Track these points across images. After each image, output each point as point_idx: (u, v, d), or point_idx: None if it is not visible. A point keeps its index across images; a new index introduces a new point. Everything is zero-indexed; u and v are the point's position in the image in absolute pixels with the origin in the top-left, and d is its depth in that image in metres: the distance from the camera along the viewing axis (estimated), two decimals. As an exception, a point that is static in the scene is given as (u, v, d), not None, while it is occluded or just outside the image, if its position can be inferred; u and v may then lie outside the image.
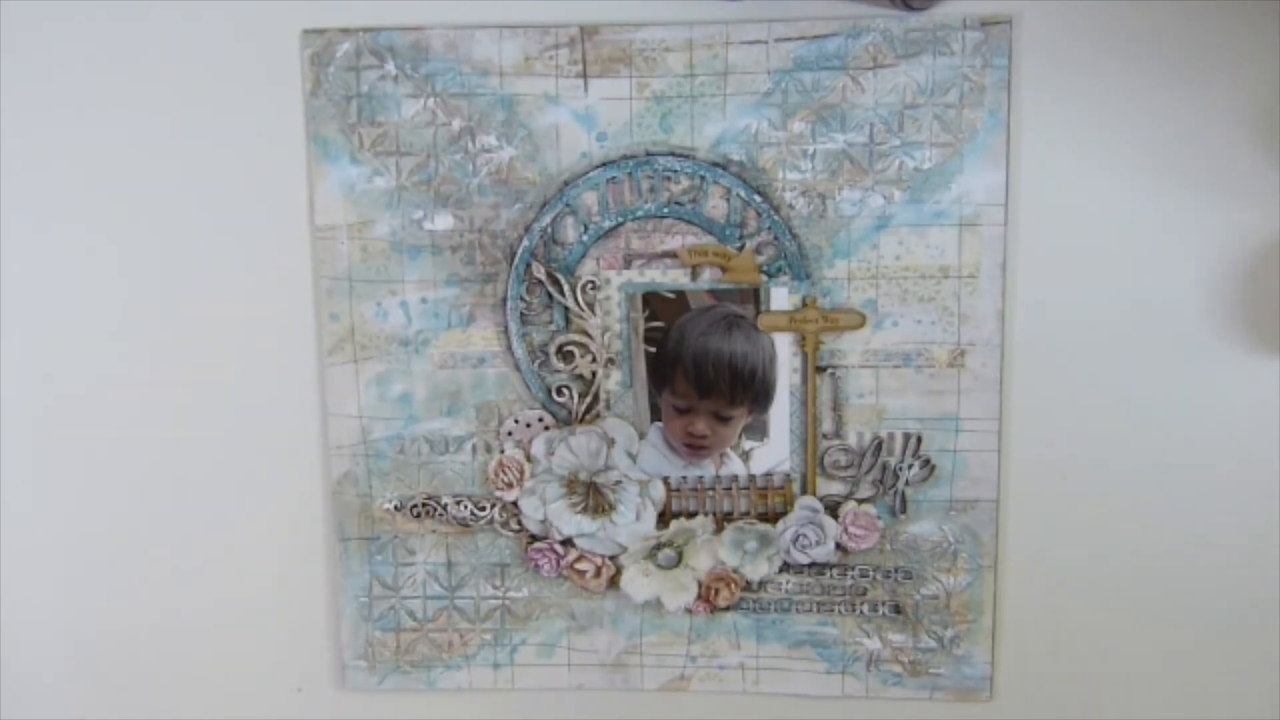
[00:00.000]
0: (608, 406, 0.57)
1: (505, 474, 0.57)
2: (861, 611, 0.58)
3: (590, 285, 0.56)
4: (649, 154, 0.55)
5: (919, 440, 0.56)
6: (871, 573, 0.58)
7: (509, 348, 0.57)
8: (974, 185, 0.55)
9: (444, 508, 0.58)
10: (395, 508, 0.58)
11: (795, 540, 0.57)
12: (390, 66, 0.55)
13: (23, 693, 0.59)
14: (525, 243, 0.56)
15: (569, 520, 0.58)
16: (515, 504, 0.58)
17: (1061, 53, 0.54)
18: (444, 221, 0.56)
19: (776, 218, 0.55)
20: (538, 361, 0.57)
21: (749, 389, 0.56)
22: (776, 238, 0.56)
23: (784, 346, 0.56)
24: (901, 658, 0.58)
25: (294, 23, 0.55)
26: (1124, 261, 0.55)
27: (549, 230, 0.56)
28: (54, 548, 0.60)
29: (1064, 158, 0.54)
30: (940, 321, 0.56)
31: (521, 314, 0.57)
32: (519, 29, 0.55)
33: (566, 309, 0.57)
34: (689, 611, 0.58)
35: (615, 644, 0.59)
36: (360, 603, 0.59)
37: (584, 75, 0.55)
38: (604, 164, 0.56)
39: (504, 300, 0.57)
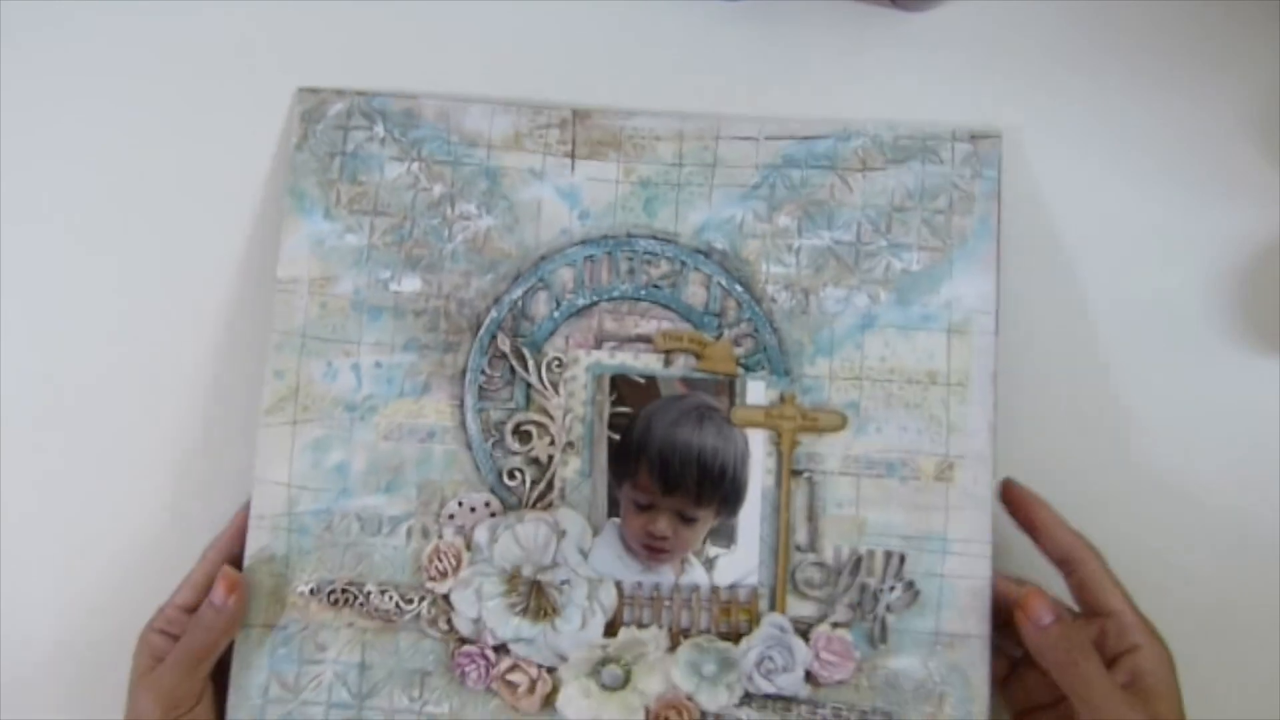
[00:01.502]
0: (562, 496, 0.52)
1: (440, 561, 0.51)
2: (834, 769, 0.50)
3: (557, 363, 0.53)
4: (630, 235, 0.54)
5: (902, 559, 0.51)
6: (845, 713, 0.50)
7: (462, 423, 0.53)
8: (964, 291, 0.53)
9: (367, 596, 0.51)
10: (311, 591, 0.52)
11: (760, 664, 0.50)
12: (379, 129, 0.55)
13: (23, 693, 0.55)
14: (493, 314, 0.53)
15: (506, 622, 0.51)
16: (447, 598, 0.51)
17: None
18: (411, 284, 0.54)
19: (758, 309, 0.53)
20: (491, 440, 0.53)
21: (717, 488, 0.51)
22: (756, 329, 0.53)
23: (758, 444, 0.52)
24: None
25: (289, 79, 0.55)
26: (1124, 261, 0.53)
27: (519, 304, 0.53)
28: (54, 548, 0.55)
29: (1068, 160, 0.54)
30: (927, 431, 0.52)
31: (480, 387, 0.53)
32: (512, 106, 0.55)
33: (528, 386, 0.53)
34: (633, 749, 0.50)
35: (544, 782, 0.50)
36: (252, 705, 0.51)
37: (572, 155, 0.55)
38: (583, 241, 0.54)
39: (463, 372, 0.53)
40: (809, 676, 0.50)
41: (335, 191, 0.54)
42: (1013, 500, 0.51)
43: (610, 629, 0.51)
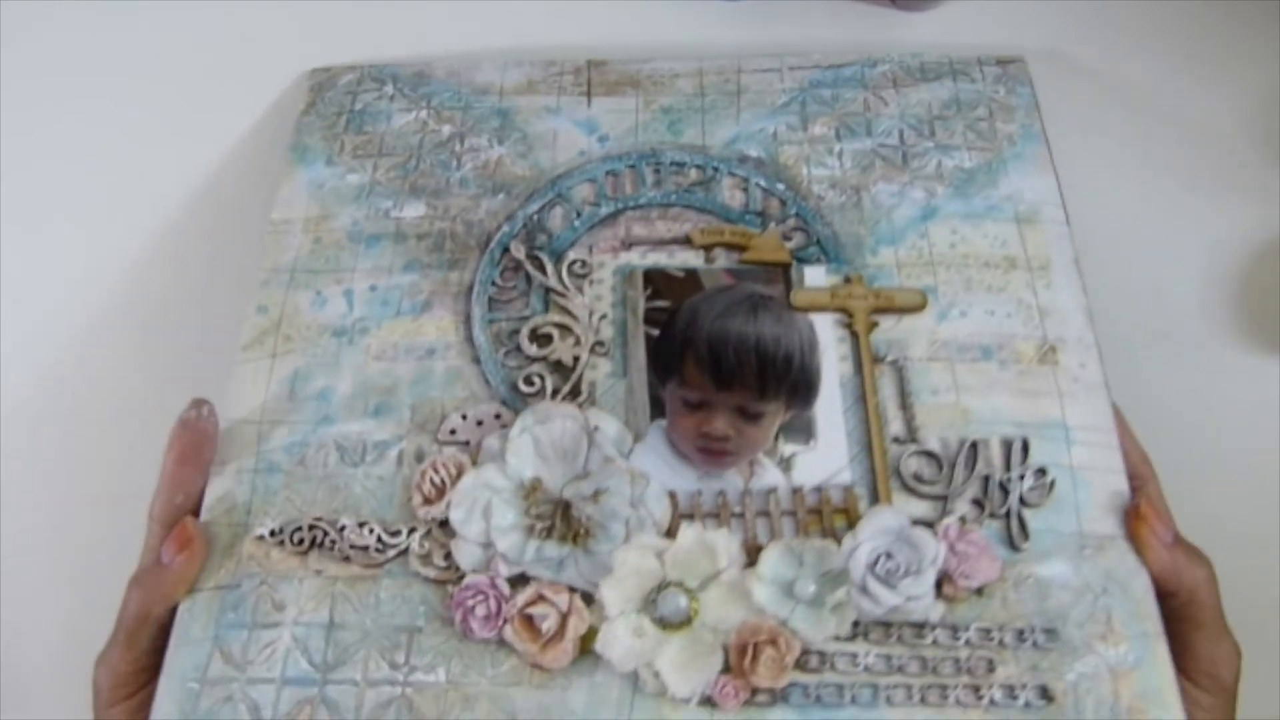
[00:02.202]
0: (591, 401, 0.42)
1: (437, 475, 0.40)
2: (993, 700, 0.35)
3: (580, 264, 0.46)
4: (654, 150, 0.50)
5: (1026, 445, 0.40)
6: (997, 633, 0.36)
7: (469, 337, 0.44)
8: (1024, 186, 0.48)
9: (340, 532, 0.39)
10: (271, 534, 0.39)
11: (874, 565, 0.37)
12: (389, 89, 0.53)
13: (23, 692, 0.51)
14: (505, 229, 0.47)
15: (523, 546, 0.38)
16: (444, 526, 0.39)
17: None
18: (414, 209, 0.48)
19: (805, 205, 0.47)
20: (504, 350, 0.44)
21: (783, 379, 0.42)
22: (806, 223, 0.47)
23: (826, 329, 0.44)
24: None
25: (301, 61, 0.54)
26: (1124, 261, 0.49)
27: (534, 218, 0.48)
28: (54, 547, 0.50)
29: (1067, 159, 0.50)
30: (1018, 314, 0.44)
31: (490, 299, 0.45)
32: (524, 60, 0.53)
33: (547, 291, 0.45)
34: (710, 703, 0.36)
35: (581, 773, 0.35)
36: (187, 689, 0.36)
37: (588, 95, 0.52)
38: (604, 159, 0.49)
39: (469, 288, 0.45)
40: (943, 584, 0.37)
41: (340, 142, 0.51)
42: None
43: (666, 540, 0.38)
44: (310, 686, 0.36)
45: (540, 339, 0.44)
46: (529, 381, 0.43)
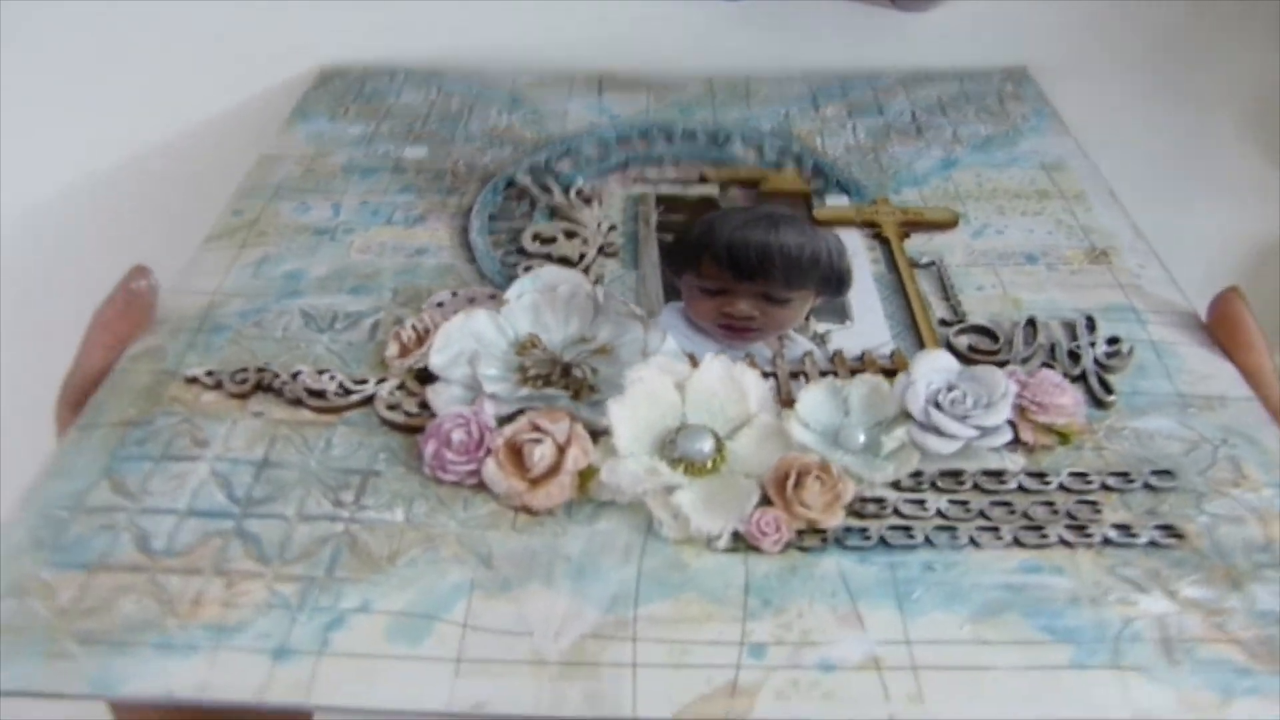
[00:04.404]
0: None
1: (420, 324, 0.34)
2: (1106, 539, 0.28)
3: (588, 188, 0.43)
4: (667, 122, 0.49)
5: (1092, 322, 0.36)
6: (1096, 477, 0.30)
7: (464, 243, 0.41)
8: (1042, 145, 0.47)
9: (294, 378, 0.33)
10: (208, 374, 0.33)
11: (935, 399, 0.31)
12: (401, 77, 0.53)
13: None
14: (510, 169, 0.45)
15: (515, 390, 0.32)
16: (422, 376, 0.33)
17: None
18: (416, 152, 0.46)
19: (822, 159, 0.46)
20: (502, 250, 0.40)
21: (810, 274, 0.38)
22: (825, 173, 0.45)
23: (854, 241, 0.40)
24: (1226, 627, 0.26)
25: (313, 59, 0.55)
26: None
27: (542, 163, 0.46)
28: None
29: None
30: (1059, 231, 0.41)
31: (490, 213, 0.42)
32: (535, 74, 0.54)
33: (552, 211, 0.42)
34: (742, 543, 0.28)
35: (573, 618, 0.26)
36: (48, 517, 0.28)
37: (600, 92, 0.53)
38: (615, 127, 0.49)
39: (469, 209, 0.43)
40: (1016, 437, 0.31)
41: (344, 108, 0.50)
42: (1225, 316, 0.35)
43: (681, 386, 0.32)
44: (224, 519, 0.28)
45: (544, 240, 0.40)
46: (526, 272, 0.38)
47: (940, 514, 0.28)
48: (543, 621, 0.26)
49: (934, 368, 0.31)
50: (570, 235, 0.40)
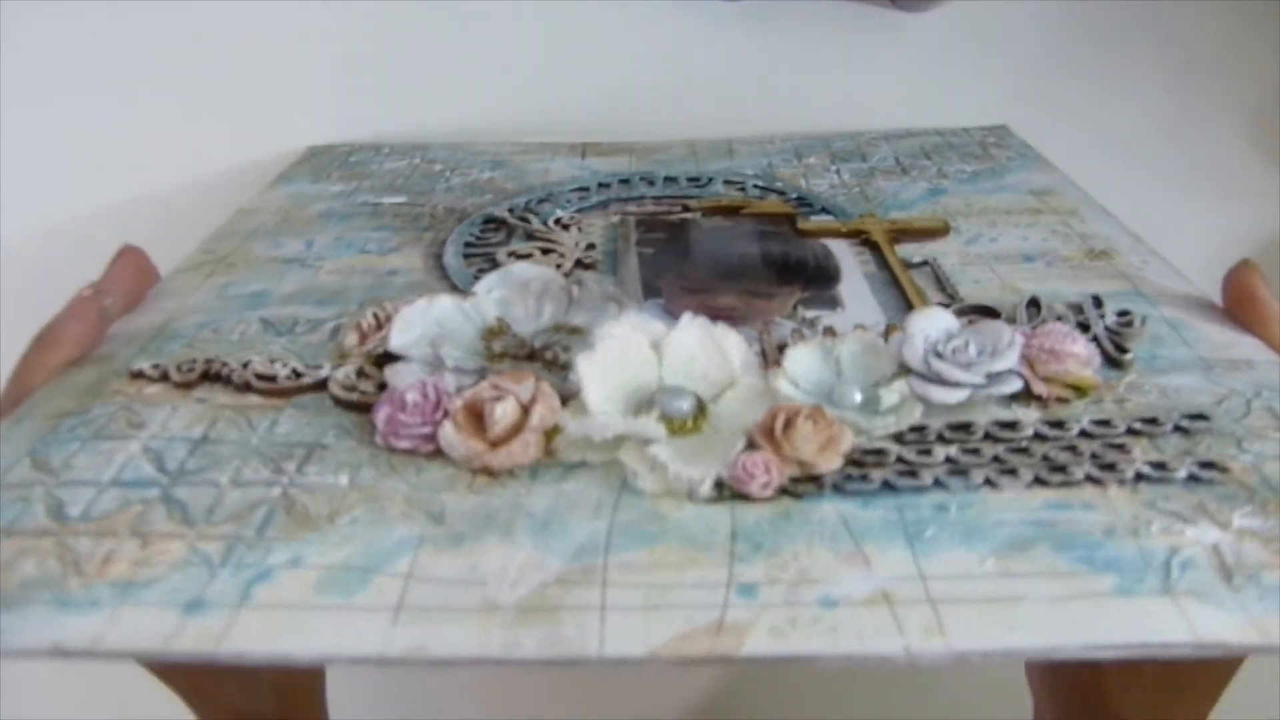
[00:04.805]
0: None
1: (382, 311, 0.32)
2: (1140, 474, 0.25)
3: (568, 220, 0.43)
4: (649, 171, 0.49)
5: (1099, 300, 0.34)
6: (1122, 422, 0.27)
7: (439, 266, 0.39)
8: (1030, 178, 0.47)
9: (244, 367, 0.31)
10: (153, 367, 0.31)
11: (936, 349, 0.28)
12: (386, 150, 0.54)
13: (23, 692, 0.50)
14: (490, 209, 0.45)
15: (479, 363, 0.30)
16: (380, 361, 0.31)
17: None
18: (395, 199, 0.46)
19: (808, 193, 0.46)
20: (476, 268, 0.39)
21: (797, 274, 0.37)
22: (809, 202, 0.45)
23: (843, 249, 0.39)
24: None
25: (299, 137, 0.56)
26: None
27: (521, 205, 0.45)
28: None
29: (1067, 159, 0.49)
30: (1054, 237, 0.40)
31: (466, 241, 0.41)
32: (519, 145, 0.55)
33: (530, 235, 0.41)
34: (728, 491, 0.25)
35: (533, 568, 0.23)
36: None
37: (583, 156, 0.53)
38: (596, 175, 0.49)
39: (445, 240, 0.42)
40: (1027, 390, 0.28)
41: (328, 173, 0.50)
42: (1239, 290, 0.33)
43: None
44: (150, 488, 0.25)
45: (520, 256, 0.39)
46: (502, 278, 0.36)
47: (950, 461, 0.25)
48: (498, 572, 0.22)
49: (932, 323, 0.29)
50: (547, 252, 0.39)
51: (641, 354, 0.28)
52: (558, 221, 0.41)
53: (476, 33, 0.55)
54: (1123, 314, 0.32)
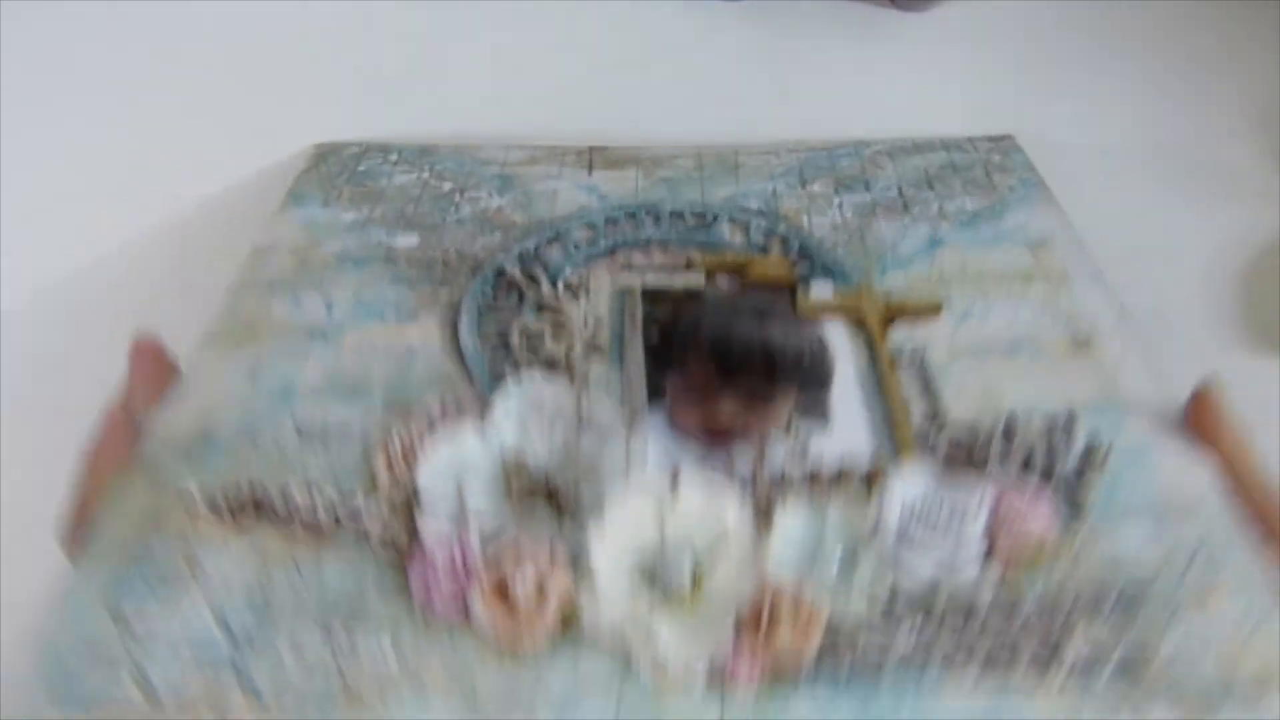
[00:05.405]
0: (584, 387, 0.39)
1: (406, 435, 0.35)
2: (1075, 667, 0.28)
3: (575, 279, 0.44)
4: (654, 203, 0.50)
5: (1071, 418, 0.36)
6: (1067, 603, 0.30)
7: (454, 339, 0.41)
8: (1029, 219, 0.47)
9: (286, 499, 0.34)
10: (201, 496, 0.34)
11: (911, 521, 0.31)
12: (394, 156, 0.54)
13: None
14: (500, 257, 0.46)
15: (500, 507, 0.33)
16: (410, 498, 0.34)
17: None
18: (408, 240, 0.47)
19: (808, 239, 0.47)
20: (490, 346, 0.41)
21: (792, 372, 0.39)
22: (810, 254, 0.46)
23: (839, 335, 0.41)
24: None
25: (306, 135, 0.56)
26: (1124, 261, 0.47)
27: (531, 250, 0.46)
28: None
29: (1067, 159, 0.51)
30: (1043, 314, 0.42)
31: (480, 309, 0.43)
32: (527, 147, 0.55)
33: (540, 306, 0.43)
34: (718, 684, 0.29)
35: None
36: (51, 653, 0.30)
37: (590, 168, 0.53)
38: (603, 209, 0.49)
39: (459, 301, 0.43)
40: (990, 550, 0.31)
41: (337, 190, 0.51)
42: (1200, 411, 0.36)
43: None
44: (218, 650, 0.29)
45: (531, 338, 0.41)
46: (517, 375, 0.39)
47: (911, 641, 0.29)
48: (524, 760, 0.27)
49: (908, 490, 0.32)
50: (557, 330, 0.41)
51: (646, 520, 0.31)
52: (566, 285, 0.43)
53: (479, 36, 0.54)
54: (1092, 444, 0.35)
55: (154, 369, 0.38)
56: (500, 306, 0.43)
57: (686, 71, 0.55)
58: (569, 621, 0.30)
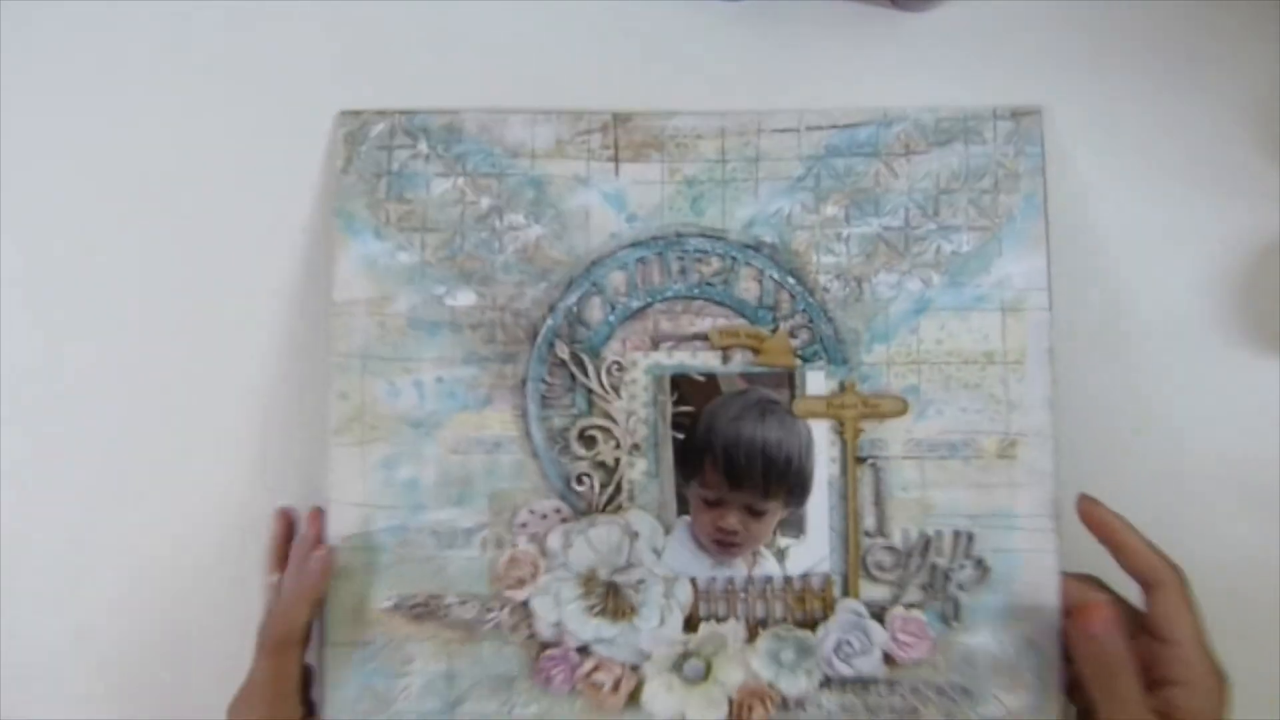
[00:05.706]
0: (630, 498, 0.53)
1: (517, 569, 0.52)
2: (918, 737, 0.51)
3: (616, 366, 0.54)
4: (679, 235, 0.54)
5: (970, 538, 0.52)
6: (923, 689, 0.51)
7: (527, 432, 0.53)
8: (1014, 270, 0.53)
9: (447, 609, 0.52)
10: (394, 607, 0.53)
11: (837, 649, 0.51)
12: (423, 146, 0.55)
13: (23, 691, 0.55)
14: (550, 322, 0.54)
15: (585, 624, 0.52)
16: (526, 605, 0.52)
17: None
18: (466, 298, 0.54)
19: (811, 300, 0.54)
20: (557, 447, 0.53)
21: (784, 479, 0.52)
22: (811, 320, 0.53)
23: (821, 434, 0.53)
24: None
25: (330, 103, 0.56)
26: (1124, 261, 0.53)
27: (574, 310, 0.54)
28: (54, 545, 0.56)
29: (1066, 160, 0.54)
30: (987, 410, 0.52)
31: (542, 396, 0.54)
32: (552, 114, 0.55)
33: (589, 391, 0.53)
34: (719, 735, 0.52)
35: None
36: (350, 715, 0.52)
37: (615, 159, 0.55)
38: (633, 244, 0.54)
39: (523, 382, 0.54)
40: (887, 658, 0.51)
41: (384, 211, 0.55)
42: (1093, 521, 0.49)
43: (689, 624, 0.52)
44: (443, 716, 0.52)
45: (586, 440, 0.53)
46: (579, 480, 0.53)
47: (826, 711, 0.52)
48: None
49: (843, 622, 0.51)
50: (605, 432, 0.54)
51: (676, 648, 0.51)
52: (609, 370, 0.54)
53: (480, 36, 0.52)
54: (979, 564, 0.52)
55: (289, 537, 0.53)
56: (557, 390, 0.54)
57: (680, 68, 0.53)
58: (635, 699, 0.52)
